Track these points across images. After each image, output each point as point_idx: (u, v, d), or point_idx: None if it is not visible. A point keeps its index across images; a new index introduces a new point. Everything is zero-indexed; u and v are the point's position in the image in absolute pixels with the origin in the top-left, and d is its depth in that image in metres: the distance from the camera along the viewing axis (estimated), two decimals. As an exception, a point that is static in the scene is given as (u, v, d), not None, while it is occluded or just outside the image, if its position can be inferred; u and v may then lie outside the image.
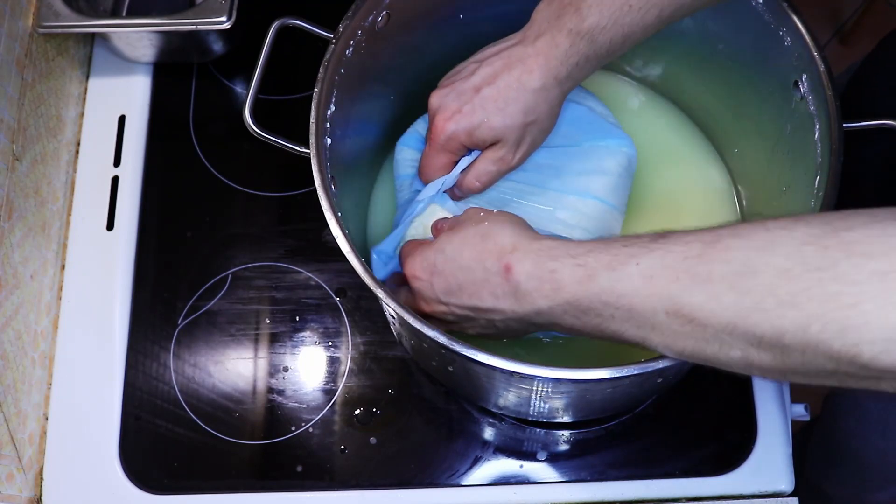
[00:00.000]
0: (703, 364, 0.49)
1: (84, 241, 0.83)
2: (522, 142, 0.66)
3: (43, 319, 0.79)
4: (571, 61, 0.62)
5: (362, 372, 0.78)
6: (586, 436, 0.76)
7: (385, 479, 0.75)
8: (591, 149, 0.72)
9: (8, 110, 0.75)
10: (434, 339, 0.56)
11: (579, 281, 0.51)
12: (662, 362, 0.54)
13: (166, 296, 0.81)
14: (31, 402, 0.76)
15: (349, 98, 0.67)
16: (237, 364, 0.79)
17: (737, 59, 0.73)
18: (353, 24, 0.66)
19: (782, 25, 0.66)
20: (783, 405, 0.76)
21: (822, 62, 0.64)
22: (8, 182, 0.74)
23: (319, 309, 0.80)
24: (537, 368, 0.55)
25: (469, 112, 0.64)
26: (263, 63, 0.68)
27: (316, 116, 0.63)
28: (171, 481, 0.75)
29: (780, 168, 0.71)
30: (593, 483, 0.74)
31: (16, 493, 0.73)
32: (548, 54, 0.62)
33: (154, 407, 0.78)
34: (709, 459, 0.75)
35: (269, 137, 0.66)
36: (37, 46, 0.80)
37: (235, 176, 0.85)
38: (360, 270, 0.59)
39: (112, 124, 0.87)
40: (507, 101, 0.63)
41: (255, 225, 0.84)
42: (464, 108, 0.64)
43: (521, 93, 0.63)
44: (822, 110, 0.63)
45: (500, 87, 0.63)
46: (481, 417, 0.77)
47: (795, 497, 0.74)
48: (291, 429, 0.76)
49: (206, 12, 0.80)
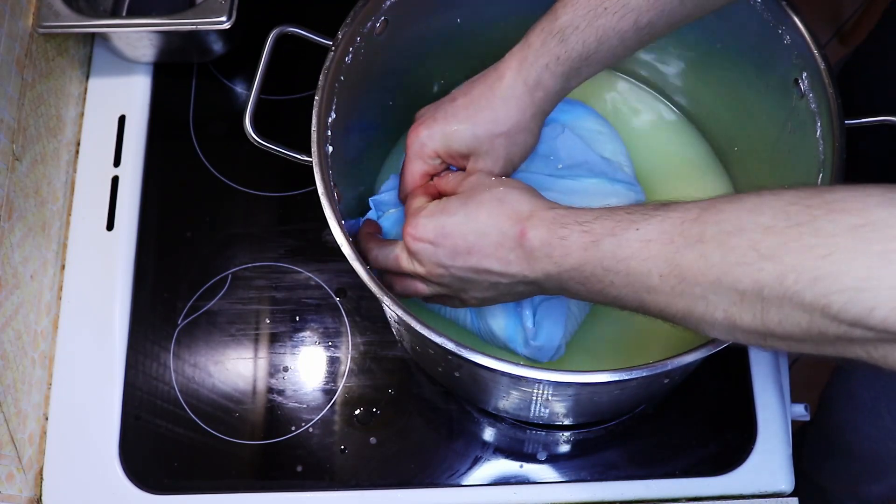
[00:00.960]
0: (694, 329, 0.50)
1: (84, 241, 0.83)
2: (496, 155, 0.63)
3: (43, 319, 0.79)
4: (541, 62, 0.60)
5: (362, 372, 0.78)
6: (586, 436, 0.76)
7: (385, 479, 0.75)
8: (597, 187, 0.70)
9: (8, 110, 0.75)
10: (441, 346, 0.56)
11: (584, 247, 0.52)
12: (669, 363, 0.55)
13: (166, 296, 0.81)
14: (31, 402, 0.76)
15: (349, 105, 0.67)
16: (237, 364, 0.79)
17: (736, 57, 0.72)
18: (352, 31, 0.66)
19: (781, 24, 0.66)
20: (783, 405, 0.76)
21: (823, 60, 0.63)
22: (8, 182, 0.74)
23: (319, 309, 0.80)
24: (546, 372, 0.56)
25: (442, 119, 0.63)
26: (263, 71, 0.68)
27: (317, 125, 0.63)
28: (171, 481, 0.75)
29: (781, 166, 0.71)
30: (593, 483, 0.74)
31: (16, 493, 0.73)
32: (519, 57, 0.61)
33: (154, 407, 0.78)
34: (709, 459, 0.75)
35: (270, 147, 0.66)
36: (37, 46, 0.80)
37: (235, 176, 0.85)
38: (361, 271, 0.59)
39: (112, 124, 0.87)
40: (478, 108, 0.62)
41: (255, 225, 0.84)
42: (437, 115, 0.64)
43: (491, 100, 0.61)
44: (824, 108, 0.63)
45: (473, 96, 0.62)
46: (481, 417, 0.77)
47: (795, 497, 0.74)
48: (291, 429, 0.76)
49: (206, 12, 0.80)
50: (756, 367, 0.77)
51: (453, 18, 0.75)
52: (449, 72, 0.79)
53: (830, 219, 0.42)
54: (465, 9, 0.74)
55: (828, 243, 0.41)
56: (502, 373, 0.56)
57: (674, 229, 0.48)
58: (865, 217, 0.41)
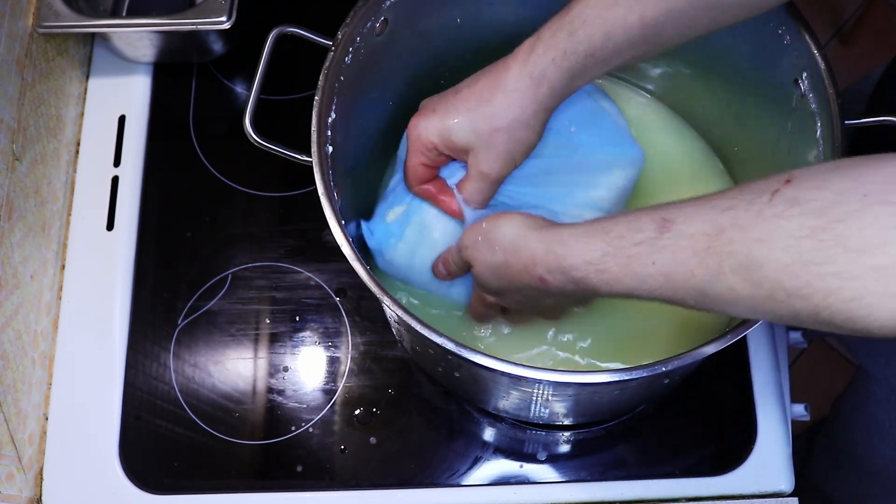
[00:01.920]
0: None
1: (84, 241, 0.83)
2: (496, 151, 0.62)
3: (43, 319, 0.79)
4: (548, 56, 0.59)
5: (362, 372, 0.78)
6: (586, 436, 0.76)
7: (385, 479, 0.75)
8: (602, 161, 0.69)
9: (8, 110, 0.75)
10: (441, 346, 0.56)
11: (608, 285, 0.53)
12: (669, 364, 0.56)
13: (166, 296, 0.81)
14: (31, 402, 0.76)
15: (349, 105, 0.67)
16: (237, 364, 0.79)
17: (736, 57, 0.72)
18: (352, 31, 0.66)
19: (781, 24, 0.66)
20: (783, 405, 0.76)
21: (823, 60, 0.63)
22: (8, 182, 0.74)
23: (319, 309, 0.80)
24: (546, 373, 0.56)
25: (441, 111, 0.63)
26: (262, 71, 0.68)
27: (317, 125, 0.63)
28: (171, 481, 0.75)
29: (781, 167, 0.71)
30: (593, 483, 0.74)
31: (16, 493, 0.73)
32: (527, 49, 0.60)
33: (154, 407, 0.78)
34: (709, 459, 0.75)
35: (270, 147, 0.66)
36: (37, 46, 0.80)
37: (235, 176, 0.85)
38: (361, 271, 0.59)
39: (112, 124, 0.87)
40: (480, 101, 0.61)
41: (255, 225, 0.84)
42: (438, 107, 0.63)
43: (494, 93, 0.60)
44: (824, 108, 0.63)
45: (476, 88, 0.61)
46: (481, 417, 0.77)
47: (795, 497, 0.74)
48: (291, 429, 0.76)
49: (206, 12, 0.80)
50: (756, 367, 0.77)
51: (453, 18, 0.75)
52: (449, 71, 0.79)
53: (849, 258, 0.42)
54: (465, 8, 0.74)
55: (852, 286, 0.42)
56: (502, 373, 0.56)
57: (690, 261, 0.49)
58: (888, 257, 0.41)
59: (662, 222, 0.51)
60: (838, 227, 0.43)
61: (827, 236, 0.43)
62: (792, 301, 0.45)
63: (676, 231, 0.50)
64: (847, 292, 0.42)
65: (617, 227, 0.53)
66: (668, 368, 0.56)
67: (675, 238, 0.50)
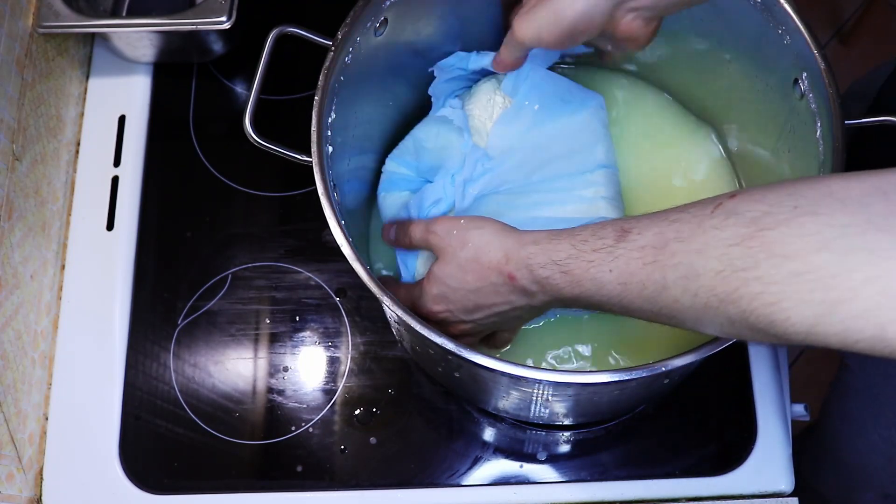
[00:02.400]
0: None
1: (84, 241, 0.83)
2: None
3: (43, 319, 0.79)
4: None
5: (362, 372, 0.78)
6: (586, 436, 0.76)
7: (385, 479, 0.75)
8: (575, 123, 0.72)
9: (8, 110, 0.75)
10: (441, 346, 0.56)
11: (570, 286, 0.55)
12: (669, 364, 0.56)
13: (166, 296, 0.81)
14: (31, 402, 0.76)
15: (349, 105, 0.67)
16: (237, 364, 0.79)
17: (735, 57, 0.72)
18: (352, 31, 0.66)
19: (781, 24, 0.66)
20: (783, 405, 0.76)
21: (822, 60, 0.63)
22: (8, 182, 0.74)
23: (319, 309, 0.80)
24: (546, 373, 0.57)
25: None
26: (262, 71, 0.68)
27: (317, 125, 0.63)
28: (171, 481, 0.75)
29: (782, 166, 0.71)
30: (593, 483, 0.74)
31: (16, 493, 0.73)
32: None
33: (154, 407, 0.78)
34: (709, 459, 0.75)
35: (270, 147, 0.66)
36: (37, 46, 0.81)
37: (235, 176, 0.85)
38: (360, 271, 0.59)
39: (112, 124, 0.87)
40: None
41: (255, 225, 0.84)
42: None
43: None
44: (824, 108, 0.63)
45: None
46: (481, 418, 0.77)
47: (795, 497, 0.74)
48: (291, 429, 0.76)
49: (206, 12, 0.80)
50: (756, 367, 0.77)
51: (453, 18, 0.75)
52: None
53: (771, 264, 0.43)
54: (465, 9, 0.74)
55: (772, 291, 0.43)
56: (502, 373, 0.56)
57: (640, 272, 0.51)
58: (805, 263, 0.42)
59: (621, 232, 0.53)
60: (767, 235, 0.44)
61: (755, 243, 0.44)
62: (725, 307, 0.46)
63: (630, 241, 0.52)
64: (768, 297, 0.43)
65: (583, 233, 0.55)
66: (668, 368, 0.56)
67: (628, 248, 0.52)
